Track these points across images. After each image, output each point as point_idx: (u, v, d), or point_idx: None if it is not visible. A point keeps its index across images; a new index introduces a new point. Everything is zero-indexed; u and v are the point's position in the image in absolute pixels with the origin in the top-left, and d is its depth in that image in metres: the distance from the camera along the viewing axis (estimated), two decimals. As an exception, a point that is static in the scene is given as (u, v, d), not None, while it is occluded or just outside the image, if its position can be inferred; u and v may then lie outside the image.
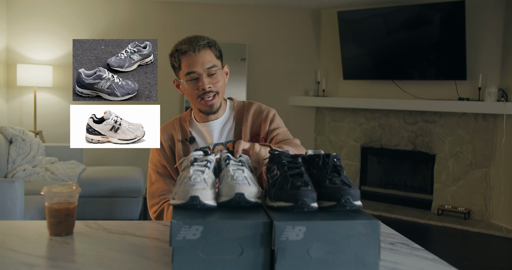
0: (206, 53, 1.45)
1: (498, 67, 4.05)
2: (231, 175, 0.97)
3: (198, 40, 1.45)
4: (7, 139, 3.69)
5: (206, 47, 1.45)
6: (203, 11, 4.83)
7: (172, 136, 1.55)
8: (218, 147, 1.53)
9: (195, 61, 1.43)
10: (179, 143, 1.54)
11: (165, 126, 1.59)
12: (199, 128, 1.57)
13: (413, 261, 0.99)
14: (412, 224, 4.13)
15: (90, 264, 0.93)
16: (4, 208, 2.54)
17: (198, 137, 1.55)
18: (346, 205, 0.89)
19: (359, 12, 4.55)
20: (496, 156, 4.07)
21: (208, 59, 1.45)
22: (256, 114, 1.56)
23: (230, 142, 1.54)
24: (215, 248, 0.85)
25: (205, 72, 1.44)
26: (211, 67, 1.45)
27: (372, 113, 4.75)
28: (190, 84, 1.46)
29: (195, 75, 1.44)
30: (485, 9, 4.07)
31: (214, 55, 1.47)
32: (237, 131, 1.54)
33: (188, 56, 1.43)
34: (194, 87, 1.46)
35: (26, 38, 4.54)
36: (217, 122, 1.56)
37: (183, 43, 1.46)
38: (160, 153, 1.54)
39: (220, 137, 1.55)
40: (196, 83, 1.45)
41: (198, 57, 1.43)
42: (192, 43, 1.44)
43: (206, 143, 1.54)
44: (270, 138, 1.50)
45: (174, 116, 4.72)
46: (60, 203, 1.10)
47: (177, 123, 1.58)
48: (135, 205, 3.64)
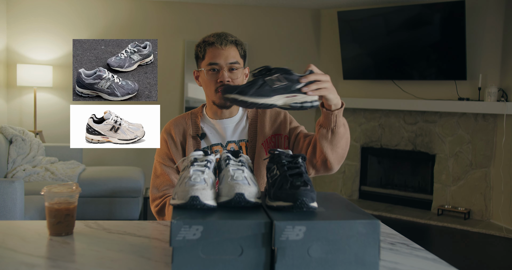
0: (231, 48, 1.49)
1: (498, 67, 4.05)
2: (231, 175, 0.97)
3: (226, 36, 1.51)
4: (7, 139, 3.69)
5: (232, 44, 1.50)
6: (203, 11, 4.83)
7: (184, 131, 1.55)
8: (230, 144, 1.54)
9: (219, 54, 1.47)
10: (190, 138, 1.54)
11: (176, 120, 1.59)
12: (211, 124, 1.57)
13: (413, 261, 0.99)
14: (412, 224, 4.13)
15: (90, 264, 0.93)
16: (4, 208, 2.54)
17: (209, 133, 1.55)
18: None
19: (359, 12, 4.55)
20: (496, 156, 4.07)
21: (232, 55, 1.49)
22: (274, 116, 1.59)
23: (243, 141, 1.55)
24: (215, 248, 0.85)
25: (226, 66, 1.48)
26: (234, 63, 1.49)
27: (372, 113, 4.75)
28: (210, 75, 1.49)
29: (216, 67, 1.48)
30: (485, 9, 4.07)
31: (239, 53, 1.52)
32: (252, 131, 1.55)
33: (214, 47, 1.48)
34: (214, 78, 1.49)
35: (26, 38, 4.54)
36: (231, 121, 1.57)
37: (212, 36, 1.51)
38: (169, 146, 1.53)
39: (233, 135, 1.55)
40: (216, 75, 1.48)
41: (223, 50, 1.48)
42: (220, 37, 1.49)
43: (219, 139, 1.55)
44: (295, 134, 1.54)
45: (174, 116, 4.70)
46: (60, 203, 1.10)
47: (189, 118, 1.58)
48: (135, 205, 3.64)
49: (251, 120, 1.57)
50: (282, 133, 1.55)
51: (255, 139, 1.54)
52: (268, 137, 1.54)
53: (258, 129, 1.55)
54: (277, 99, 1.13)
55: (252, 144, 1.53)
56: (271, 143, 1.53)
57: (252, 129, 1.56)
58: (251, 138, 1.54)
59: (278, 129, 1.56)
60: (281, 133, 1.55)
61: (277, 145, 1.53)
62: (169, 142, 1.54)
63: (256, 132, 1.55)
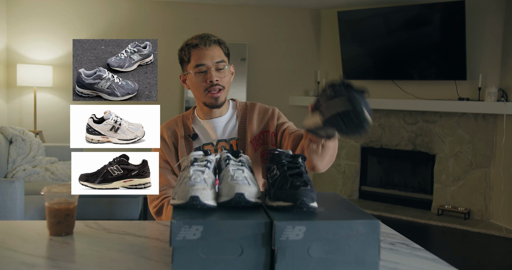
0: (216, 48, 1.51)
1: (498, 67, 4.05)
2: (231, 175, 0.97)
3: (209, 36, 1.52)
4: (7, 139, 3.69)
5: (216, 43, 1.51)
6: (203, 11, 4.83)
7: (175, 133, 1.58)
8: (221, 143, 1.56)
9: (205, 54, 1.49)
10: (182, 139, 1.56)
11: (168, 123, 1.62)
12: (202, 125, 1.59)
13: (413, 261, 0.99)
14: (412, 224, 4.13)
15: (90, 264, 0.93)
16: (4, 208, 2.54)
17: (200, 134, 1.58)
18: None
19: (359, 12, 4.55)
20: (496, 156, 4.07)
21: (217, 54, 1.50)
22: (262, 113, 1.60)
23: (234, 139, 1.57)
24: (215, 248, 0.85)
25: (213, 66, 1.49)
26: (220, 62, 1.50)
27: (372, 113, 4.75)
28: (198, 77, 1.50)
29: (204, 68, 1.49)
30: (485, 9, 4.07)
31: (223, 52, 1.54)
32: (241, 129, 1.57)
33: (198, 49, 1.49)
34: (202, 79, 1.50)
35: (26, 38, 4.54)
36: (221, 120, 1.58)
37: (194, 38, 1.52)
38: (163, 148, 1.56)
39: (223, 133, 1.57)
40: (204, 76, 1.50)
41: (208, 50, 1.49)
42: (203, 38, 1.50)
43: (209, 139, 1.57)
44: (282, 131, 1.54)
45: (174, 116, 4.70)
46: (60, 203, 1.10)
47: (180, 120, 1.61)
48: (135, 205, 3.64)
49: (240, 118, 1.59)
50: (270, 130, 1.56)
51: (244, 137, 1.56)
52: (257, 134, 1.56)
53: (246, 126, 1.57)
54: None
55: (242, 142, 1.55)
56: (259, 140, 1.55)
57: (241, 127, 1.57)
58: (240, 136, 1.56)
59: (266, 126, 1.57)
60: (268, 130, 1.56)
61: (265, 142, 1.55)
62: (163, 144, 1.57)
63: (245, 130, 1.56)
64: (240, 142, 1.55)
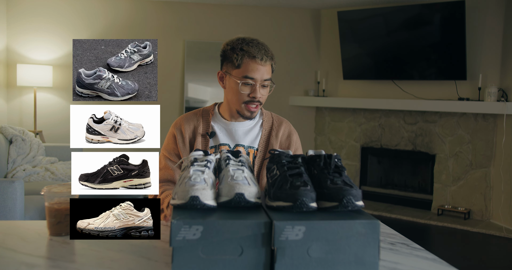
0: (268, 65, 1.49)
1: (498, 67, 4.05)
2: (231, 175, 0.97)
3: (266, 51, 1.49)
4: (7, 139, 3.69)
5: (270, 60, 1.50)
6: (203, 11, 4.83)
7: (194, 128, 1.56)
8: (238, 147, 1.54)
9: (258, 69, 1.47)
10: (199, 136, 1.54)
11: (187, 116, 1.59)
12: (223, 124, 1.57)
13: (413, 261, 0.99)
14: (412, 224, 4.12)
15: (90, 264, 0.93)
16: (4, 208, 2.54)
17: (220, 133, 1.56)
18: (348, 205, 0.90)
19: (359, 12, 4.55)
20: (496, 156, 4.07)
21: (268, 71, 1.49)
22: (286, 134, 1.60)
23: (253, 148, 1.55)
24: (215, 248, 0.86)
25: (261, 82, 1.48)
26: (267, 80, 1.49)
27: (372, 113, 4.75)
28: (242, 87, 1.48)
29: (251, 81, 1.47)
30: (485, 9, 4.07)
31: (272, 69, 1.52)
32: (264, 141, 1.56)
33: (254, 61, 1.46)
34: (246, 91, 1.48)
35: (26, 38, 4.53)
36: (245, 124, 1.57)
37: (251, 46, 1.49)
38: (177, 142, 1.54)
39: (244, 138, 1.56)
40: (248, 88, 1.48)
41: (262, 66, 1.47)
42: (261, 51, 1.48)
43: (227, 140, 1.55)
44: None
45: (174, 116, 4.72)
46: (60, 203, 1.10)
47: (200, 115, 1.58)
48: (135, 205, 3.63)
49: (265, 130, 1.58)
50: None
51: (265, 150, 1.55)
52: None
53: (271, 141, 1.56)
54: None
55: (262, 154, 1.54)
56: None
57: (264, 140, 1.56)
58: (261, 148, 1.55)
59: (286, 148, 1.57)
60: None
61: None
62: (178, 137, 1.54)
63: (268, 144, 1.55)
64: (259, 154, 1.54)
